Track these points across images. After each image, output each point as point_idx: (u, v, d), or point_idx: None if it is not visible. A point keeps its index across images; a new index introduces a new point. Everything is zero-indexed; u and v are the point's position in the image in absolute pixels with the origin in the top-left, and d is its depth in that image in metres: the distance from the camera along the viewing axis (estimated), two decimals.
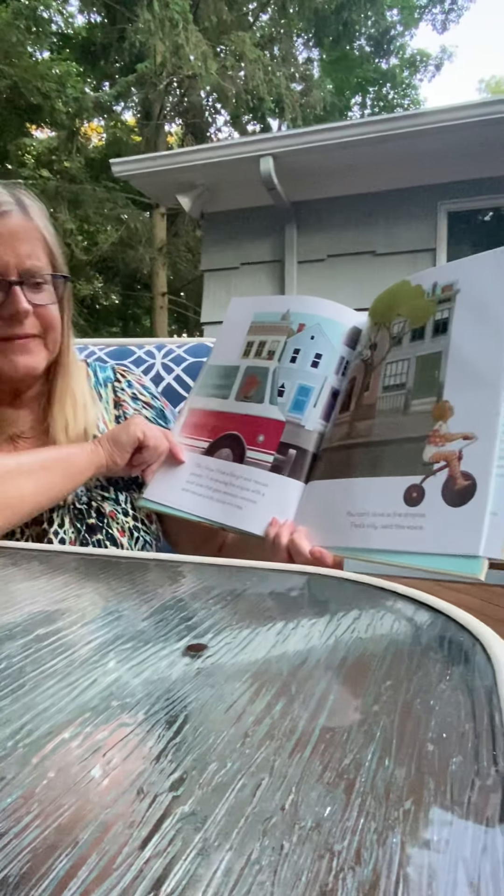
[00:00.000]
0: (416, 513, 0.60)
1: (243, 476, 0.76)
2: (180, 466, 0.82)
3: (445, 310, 0.66)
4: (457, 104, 3.50)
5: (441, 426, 0.61)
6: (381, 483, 0.64)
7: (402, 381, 0.68)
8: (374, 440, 0.68)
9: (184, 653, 0.34)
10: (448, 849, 0.19)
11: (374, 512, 0.63)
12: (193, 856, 0.18)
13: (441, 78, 34.86)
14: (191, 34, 9.06)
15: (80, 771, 0.23)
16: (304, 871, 0.18)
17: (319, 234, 4.17)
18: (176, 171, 4.09)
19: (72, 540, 0.80)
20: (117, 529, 0.84)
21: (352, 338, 0.80)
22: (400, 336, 0.71)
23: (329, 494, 0.70)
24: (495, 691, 0.29)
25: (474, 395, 0.60)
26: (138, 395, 0.98)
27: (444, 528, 0.57)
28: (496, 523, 0.54)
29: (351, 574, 0.51)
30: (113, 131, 11.17)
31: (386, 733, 0.26)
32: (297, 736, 0.25)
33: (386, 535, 0.61)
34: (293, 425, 0.76)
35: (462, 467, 0.58)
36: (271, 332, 0.83)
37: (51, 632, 0.37)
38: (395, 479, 0.63)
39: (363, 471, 0.67)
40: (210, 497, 0.77)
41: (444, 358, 0.64)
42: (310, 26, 11.65)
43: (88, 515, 0.82)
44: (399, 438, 0.65)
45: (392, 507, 0.62)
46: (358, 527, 0.64)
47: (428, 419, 0.63)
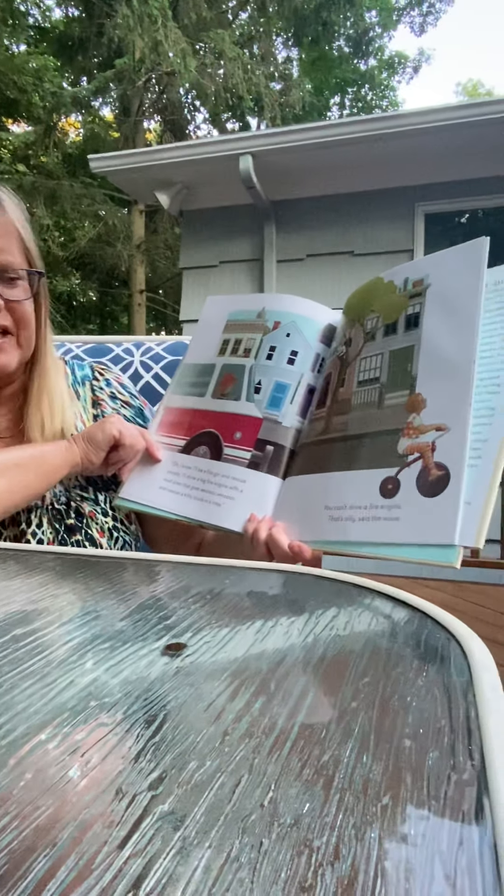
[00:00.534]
0: (392, 504, 0.60)
1: (221, 473, 0.76)
2: (157, 465, 0.82)
3: (417, 304, 0.68)
4: (434, 107, 3.54)
5: (414, 418, 0.62)
6: (358, 476, 0.65)
7: (376, 376, 0.69)
8: (350, 434, 0.69)
9: (163, 652, 0.34)
10: (425, 843, 0.19)
11: (352, 505, 0.64)
12: (173, 854, 0.18)
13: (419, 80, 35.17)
14: (170, 31, 9.02)
15: (58, 772, 0.23)
16: (284, 868, 0.18)
17: (298, 233, 4.18)
18: (155, 168, 4.07)
19: (50, 541, 0.79)
20: (96, 530, 0.83)
21: (327, 335, 0.81)
22: (373, 331, 0.72)
23: (307, 489, 0.70)
24: (471, 687, 0.30)
25: (446, 387, 0.61)
26: (117, 393, 0.97)
27: (420, 518, 0.58)
28: (470, 512, 0.55)
29: (329, 572, 0.51)
30: (91, 127, 11.07)
31: (364, 729, 0.26)
32: (276, 733, 0.25)
33: (363, 527, 0.62)
34: (270, 422, 0.76)
35: (436, 458, 0.59)
36: (247, 329, 0.83)
37: (28, 632, 0.36)
38: (370, 472, 0.64)
39: (340, 465, 0.67)
40: (188, 495, 0.77)
41: (416, 351, 0.65)
42: (289, 26, 11.68)
43: (67, 516, 0.82)
44: (374, 432, 0.66)
45: (369, 500, 0.63)
46: (336, 520, 0.65)
47: (402, 412, 0.64)
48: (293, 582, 0.50)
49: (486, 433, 0.57)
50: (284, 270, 4.20)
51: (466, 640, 0.35)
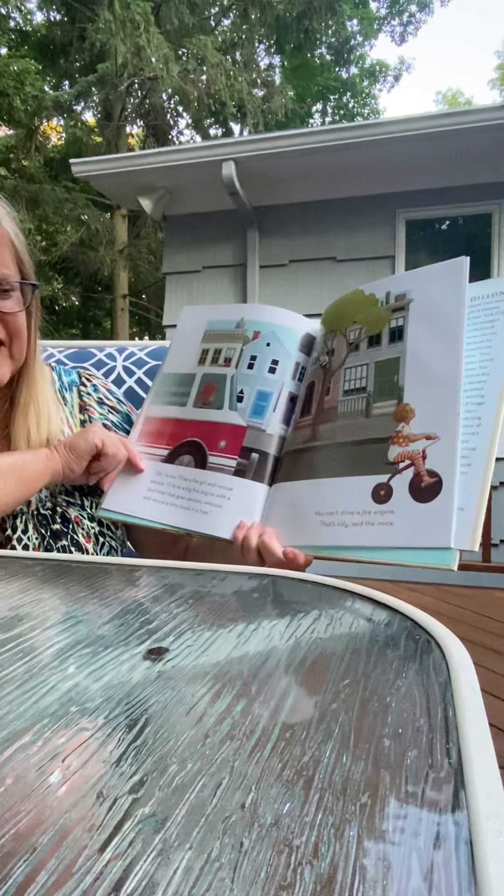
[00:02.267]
0: (385, 510, 0.62)
1: (207, 481, 0.77)
2: (140, 475, 0.82)
3: (400, 318, 0.70)
4: (415, 115, 3.58)
5: (403, 427, 0.64)
6: (348, 483, 0.66)
7: (362, 385, 0.71)
8: (338, 442, 0.70)
9: (144, 656, 0.34)
10: (402, 840, 0.19)
11: (343, 510, 0.65)
12: (153, 857, 0.18)
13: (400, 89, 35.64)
14: (152, 36, 9.03)
15: (39, 777, 0.22)
16: (264, 867, 0.18)
17: (281, 239, 4.21)
18: (137, 172, 4.07)
19: (35, 546, 0.79)
20: (82, 535, 0.83)
21: (306, 344, 0.82)
22: (357, 342, 0.74)
23: (295, 496, 0.71)
24: (449, 687, 0.30)
25: (434, 398, 0.63)
26: (104, 399, 0.97)
27: (415, 522, 0.60)
28: (464, 517, 0.58)
29: (311, 575, 0.51)
30: (73, 131, 11.02)
31: (344, 730, 0.26)
32: (258, 735, 0.26)
33: (357, 532, 0.64)
34: (254, 430, 0.77)
35: (427, 465, 0.61)
36: (227, 339, 0.83)
37: (9, 637, 0.36)
38: (361, 479, 0.65)
39: (329, 471, 0.69)
40: (173, 504, 0.78)
41: (402, 363, 0.67)
42: (271, 33, 11.75)
43: (53, 521, 0.81)
44: (363, 440, 0.68)
45: (360, 506, 0.64)
46: (328, 525, 0.66)
47: (390, 421, 0.66)
48: (275, 585, 0.50)
49: (474, 442, 0.60)
50: (267, 276, 4.22)
51: (445, 641, 0.35)
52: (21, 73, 9.93)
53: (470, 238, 4.16)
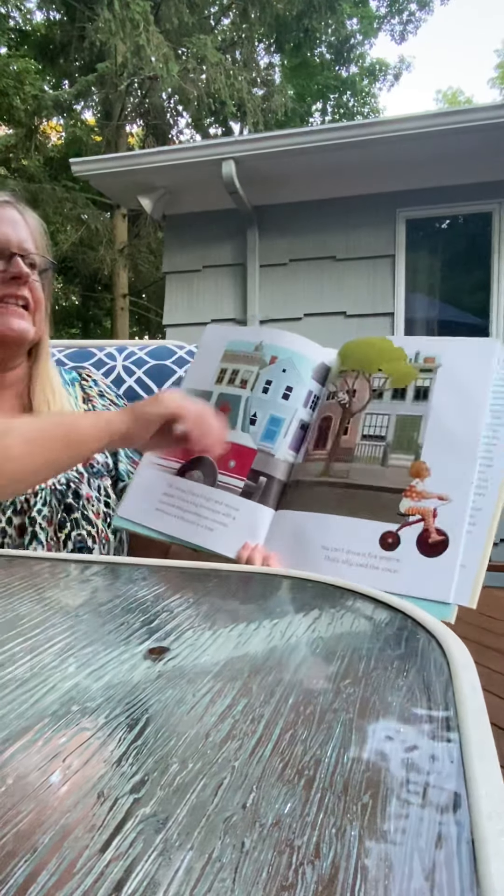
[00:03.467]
0: (391, 557, 0.66)
1: (214, 499, 0.78)
2: (154, 485, 0.83)
3: (427, 379, 0.74)
4: (415, 114, 3.58)
5: (417, 483, 0.68)
6: (357, 524, 0.69)
7: (381, 434, 0.74)
8: (351, 483, 0.73)
9: (145, 656, 0.34)
10: (404, 839, 0.19)
11: (349, 549, 0.69)
12: (154, 857, 0.18)
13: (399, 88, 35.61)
14: (152, 35, 9.01)
15: (40, 776, 0.22)
16: (265, 867, 0.18)
17: (281, 238, 4.20)
18: (137, 172, 4.06)
19: (49, 519, 0.82)
20: (92, 512, 0.86)
21: (320, 373, 0.84)
22: (381, 391, 0.76)
23: (303, 526, 0.73)
24: (450, 686, 0.30)
25: (451, 463, 0.68)
26: (104, 392, 1.02)
27: (419, 574, 0.64)
28: (465, 574, 0.62)
29: (311, 574, 0.51)
30: (72, 130, 11.00)
31: (345, 729, 0.26)
32: (258, 735, 0.26)
33: (360, 572, 0.67)
34: (264, 454, 0.79)
35: (436, 524, 0.65)
36: (244, 361, 0.85)
37: (9, 637, 0.36)
38: (370, 523, 0.69)
39: (339, 509, 0.72)
40: (181, 518, 0.79)
41: (424, 423, 0.71)
42: (271, 32, 11.73)
43: (66, 496, 0.85)
44: (377, 486, 0.71)
45: (367, 549, 0.68)
46: (332, 561, 0.69)
47: (405, 474, 0.70)
48: (276, 585, 0.50)
49: (481, 503, 0.65)
50: (267, 275, 4.21)
51: (446, 640, 0.35)
52: (21, 72, 9.91)
53: (470, 237, 4.16)
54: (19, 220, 0.85)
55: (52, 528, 0.82)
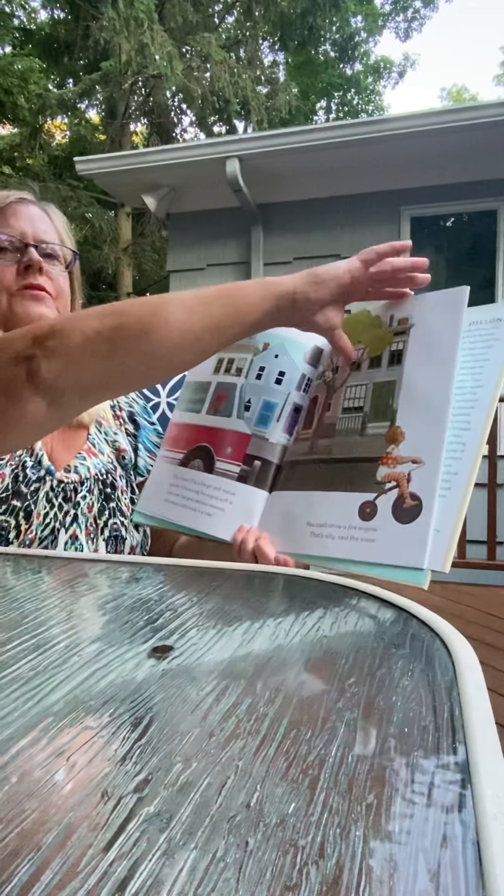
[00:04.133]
0: (368, 527, 0.65)
1: (213, 485, 0.80)
2: (163, 477, 0.85)
3: (400, 342, 0.72)
4: (419, 111, 3.57)
5: (393, 449, 0.67)
6: (338, 497, 0.69)
7: (359, 405, 0.74)
8: (332, 457, 0.73)
9: (149, 654, 0.34)
10: (409, 840, 0.19)
11: (332, 523, 0.68)
12: (158, 856, 0.18)
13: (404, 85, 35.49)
14: (156, 34, 9.02)
15: (44, 775, 0.22)
16: (269, 867, 0.18)
17: (285, 236, 4.20)
18: (141, 170, 4.07)
19: (90, 505, 0.84)
20: (125, 504, 0.88)
21: (314, 356, 0.84)
22: (359, 362, 0.76)
23: (291, 505, 0.74)
24: (455, 685, 0.30)
25: (423, 424, 0.66)
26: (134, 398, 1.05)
27: (394, 541, 0.63)
28: (439, 539, 0.60)
29: (316, 573, 0.51)
30: (77, 129, 11.03)
31: (349, 729, 0.26)
32: (263, 734, 0.26)
33: (342, 545, 0.66)
34: (258, 438, 0.80)
35: (410, 488, 0.64)
36: (239, 349, 0.86)
37: (13, 636, 0.36)
38: (350, 495, 0.68)
39: (322, 485, 0.72)
40: (185, 506, 0.81)
41: (398, 387, 0.70)
42: (275, 30, 11.71)
43: (106, 485, 0.87)
44: (355, 457, 0.71)
45: (347, 521, 0.67)
46: (317, 536, 0.69)
47: (381, 442, 0.69)
48: (280, 584, 0.50)
49: (457, 467, 0.63)
50: (271, 273, 4.20)
51: (451, 639, 0.35)
52: (25, 71, 9.93)
53: (474, 235, 4.15)
54: (40, 215, 0.87)
55: (91, 514, 0.83)
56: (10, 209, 0.85)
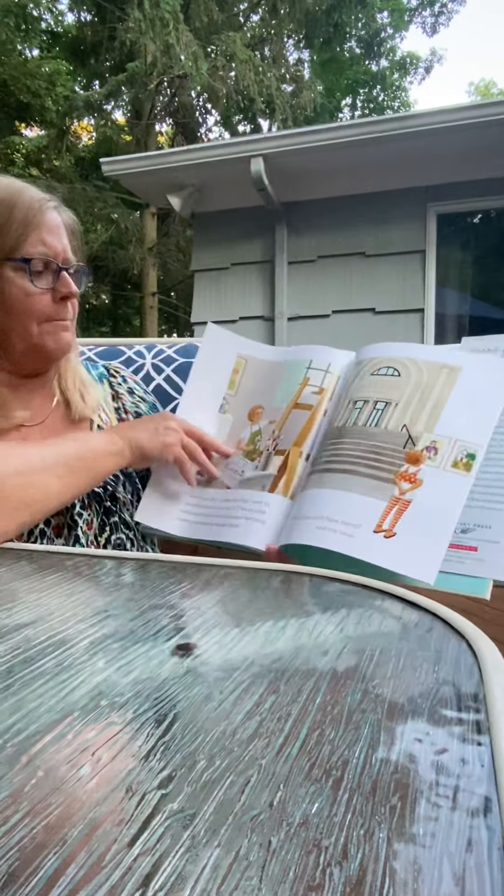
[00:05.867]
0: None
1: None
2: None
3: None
4: (447, 107, 3.52)
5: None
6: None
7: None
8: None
9: (173, 652, 0.34)
10: (434, 843, 0.19)
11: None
12: (182, 853, 0.18)
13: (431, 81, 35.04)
14: (181, 34, 9.04)
15: (69, 770, 0.23)
16: (292, 867, 0.18)
17: (309, 235, 4.18)
18: (166, 171, 4.08)
19: (89, 522, 0.83)
20: (129, 515, 0.87)
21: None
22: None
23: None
24: (481, 688, 0.29)
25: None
26: (133, 389, 1.02)
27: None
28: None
29: (339, 573, 0.51)
30: (103, 130, 11.11)
31: (373, 730, 0.26)
32: (286, 734, 0.25)
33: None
34: None
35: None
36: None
37: (39, 631, 0.37)
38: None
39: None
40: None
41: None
42: (300, 27, 11.65)
43: (105, 499, 0.86)
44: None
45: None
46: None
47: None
48: (303, 583, 0.50)
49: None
50: (296, 272, 4.20)
51: (477, 642, 0.35)
52: (52, 74, 10.05)
53: (503, 231, 4.08)
54: (60, 223, 0.83)
55: (92, 531, 0.82)
56: (45, 220, 0.80)
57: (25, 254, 0.78)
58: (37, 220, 0.79)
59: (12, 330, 0.80)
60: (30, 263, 0.78)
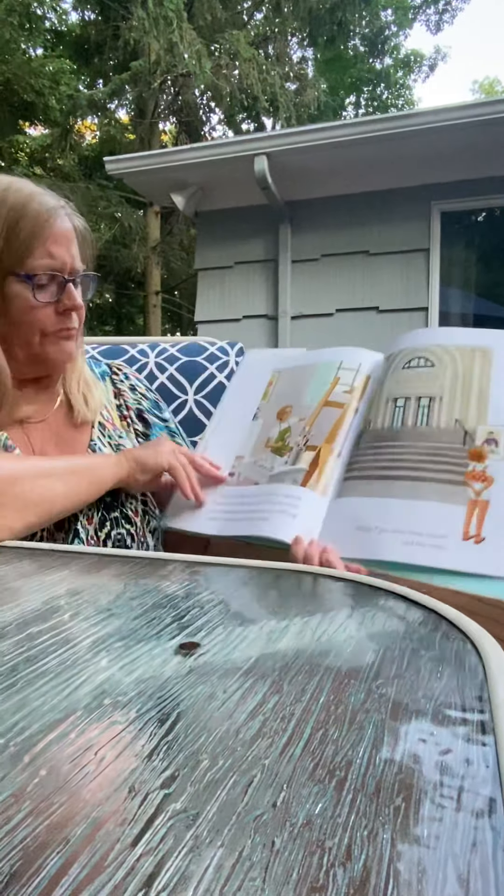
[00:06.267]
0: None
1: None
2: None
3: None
4: (451, 105, 3.51)
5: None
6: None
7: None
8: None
9: (176, 651, 0.34)
10: (438, 844, 0.19)
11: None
12: (185, 853, 0.18)
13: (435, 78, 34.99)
14: (185, 32, 9.03)
15: (72, 769, 0.23)
16: (295, 868, 0.18)
17: (313, 233, 4.17)
18: (170, 169, 4.08)
19: (90, 518, 0.83)
20: (131, 510, 0.87)
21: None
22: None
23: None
24: (485, 688, 0.29)
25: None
26: (136, 386, 1.02)
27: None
28: None
29: (344, 572, 0.51)
30: (107, 129, 11.11)
31: (377, 730, 0.26)
32: (289, 733, 0.25)
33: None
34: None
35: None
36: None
37: (43, 630, 0.37)
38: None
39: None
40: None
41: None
42: (304, 25, 11.63)
43: (105, 495, 0.85)
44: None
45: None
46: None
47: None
48: (307, 582, 0.50)
49: None
50: (299, 270, 4.19)
51: (481, 642, 0.34)
52: (56, 72, 10.06)
53: None
54: (70, 230, 0.81)
55: (92, 526, 0.82)
56: (53, 231, 0.77)
57: (30, 268, 0.76)
58: (44, 231, 0.77)
59: (14, 339, 0.80)
60: (34, 279, 0.77)
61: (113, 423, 0.94)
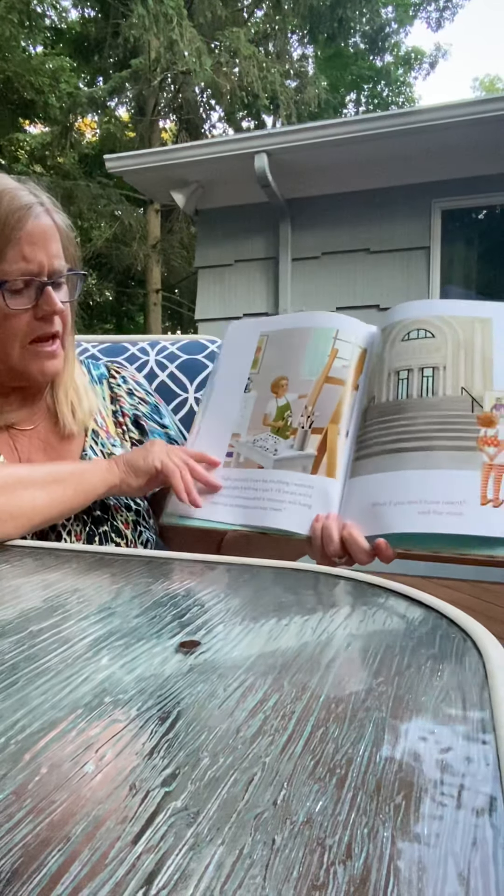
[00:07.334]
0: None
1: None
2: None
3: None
4: (451, 102, 3.51)
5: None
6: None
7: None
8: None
9: (177, 649, 0.34)
10: (438, 842, 0.19)
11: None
12: (185, 850, 0.18)
13: (436, 76, 34.89)
14: (185, 30, 9.02)
15: (73, 767, 0.23)
16: (296, 865, 0.18)
17: (314, 231, 4.17)
18: (170, 167, 4.08)
19: (78, 534, 0.81)
20: (121, 522, 0.85)
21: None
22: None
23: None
24: (486, 686, 0.29)
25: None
26: (134, 391, 0.98)
27: None
28: None
29: (344, 570, 0.51)
30: (107, 127, 11.11)
31: (377, 728, 0.26)
32: (290, 731, 0.25)
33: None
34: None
35: None
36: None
37: (44, 628, 0.37)
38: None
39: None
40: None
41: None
42: (304, 23, 11.62)
43: (94, 508, 0.83)
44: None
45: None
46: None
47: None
48: (308, 580, 0.50)
49: None
50: (300, 268, 4.19)
51: (481, 640, 0.34)
52: (56, 70, 10.05)
53: None
54: (50, 227, 0.76)
55: (80, 542, 0.81)
56: (26, 232, 0.73)
57: (2, 273, 0.72)
58: (15, 234, 0.72)
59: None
60: (5, 285, 0.73)
61: (107, 430, 0.92)
